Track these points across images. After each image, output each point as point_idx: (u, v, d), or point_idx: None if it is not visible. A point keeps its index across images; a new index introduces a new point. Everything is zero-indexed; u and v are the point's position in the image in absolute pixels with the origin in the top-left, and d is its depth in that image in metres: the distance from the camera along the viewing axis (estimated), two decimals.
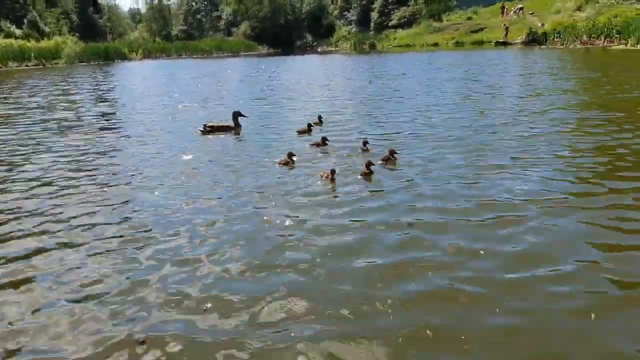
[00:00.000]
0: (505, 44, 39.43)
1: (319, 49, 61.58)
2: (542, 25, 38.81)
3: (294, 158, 6.64)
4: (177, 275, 3.70)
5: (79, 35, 53.06)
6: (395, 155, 6.52)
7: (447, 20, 53.43)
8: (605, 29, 30.03)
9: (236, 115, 9.11)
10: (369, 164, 6.01)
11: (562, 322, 2.96)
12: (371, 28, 61.63)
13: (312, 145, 7.56)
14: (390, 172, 6.14)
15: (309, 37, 69.34)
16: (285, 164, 6.57)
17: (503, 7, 48.63)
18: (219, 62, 40.35)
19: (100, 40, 57.54)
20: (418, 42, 49.55)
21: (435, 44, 47.14)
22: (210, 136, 8.74)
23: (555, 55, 24.00)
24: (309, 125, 8.68)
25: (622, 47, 27.86)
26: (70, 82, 22.44)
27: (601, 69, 14.38)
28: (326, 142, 7.51)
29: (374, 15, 61.07)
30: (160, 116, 11.56)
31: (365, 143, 7.19)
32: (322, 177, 5.93)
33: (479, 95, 12.16)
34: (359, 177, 5.95)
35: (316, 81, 18.36)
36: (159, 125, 10.16)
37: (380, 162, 6.38)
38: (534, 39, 37.31)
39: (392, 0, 59.03)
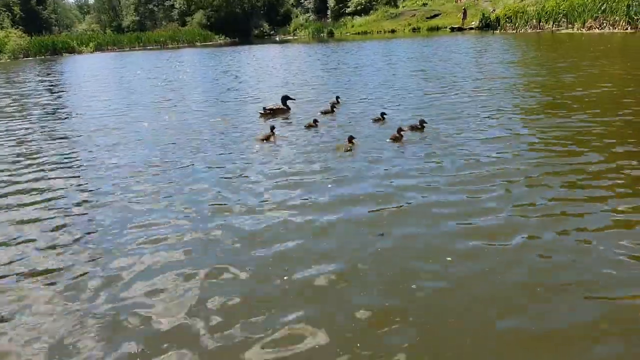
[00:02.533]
0: (460, 29, 40.42)
1: (277, 38, 61.03)
2: (493, 10, 39.98)
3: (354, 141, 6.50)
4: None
5: (23, 28, 50.41)
6: (425, 124, 7.04)
7: (403, 7, 54.12)
8: (554, 14, 31.31)
9: (285, 98, 9.27)
10: (399, 130, 6.66)
11: None
12: (328, 15, 61.65)
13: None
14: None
15: (266, 26, 68.62)
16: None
17: None
18: (175, 53, 39.31)
19: (46, 33, 54.88)
20: (375, 29, 50.04)
21: (393, 31, 47.73)
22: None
23: (512, 42, 24.76)
24: (332, 106, 9.03)
25: (569, 31, 29.16)
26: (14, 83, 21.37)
27: (565, 58, 14.85)
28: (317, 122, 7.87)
29: (331, 2, 61.06)
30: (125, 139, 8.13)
31: (383, 114, 7.88)
32: (345, 151, 6.24)
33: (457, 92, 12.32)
34: (388, 140, 6.61)
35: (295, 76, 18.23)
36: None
37: (407, 130, 6.89)
38: (487, 24, 38.44)
39: None
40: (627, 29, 24.99)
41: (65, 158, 7.05)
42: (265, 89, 13.24)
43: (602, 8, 26.83)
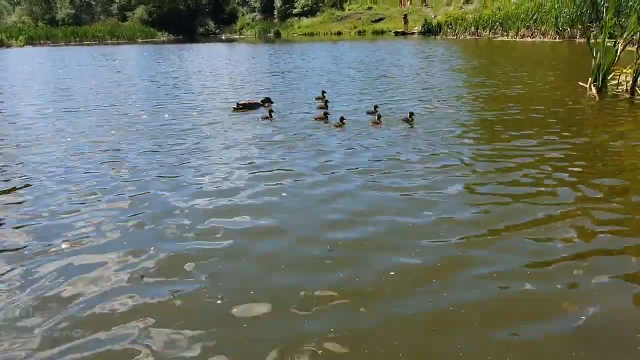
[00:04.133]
0: (404, 34, 41.76)
1: (223, 37, 60.16)
2: (435, 16, 41.61)
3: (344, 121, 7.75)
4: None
5: None
6: (413, 116, 7.78)
7: (348, 9, 55.05)
8: (490, 22, 33.11)
9: (267, 100, 9.81)
10: (379, 116, 7.83)
11: None
12: (275, 15, 61.53)
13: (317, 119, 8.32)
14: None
15: (212, 24, 67.35)
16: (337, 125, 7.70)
17: None
18: (115, 50, 37.73)
19: None
20: (322, 31, 50.65)
21: (339, 33, 48.52)
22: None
23: (455, 47, 25.85)
24: (326, 102, 9.43)
25: (504, 38, 30.94)
26: None
27: (517, 66, 15.46)
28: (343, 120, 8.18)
29: (278, 2, 60.95)
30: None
31: (375, 107, 8.42)
32: (334, 126, 7.61)
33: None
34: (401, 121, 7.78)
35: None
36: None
37: (400, 121, 7.83)
38: (429, 30, 40.01)
39: None
40: (555, 38, 26.88)
41: None
42: (218, 95, 12.78)
43: (534, 18, 28.70)
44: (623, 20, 18.46)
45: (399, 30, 42.79)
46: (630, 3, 18.84)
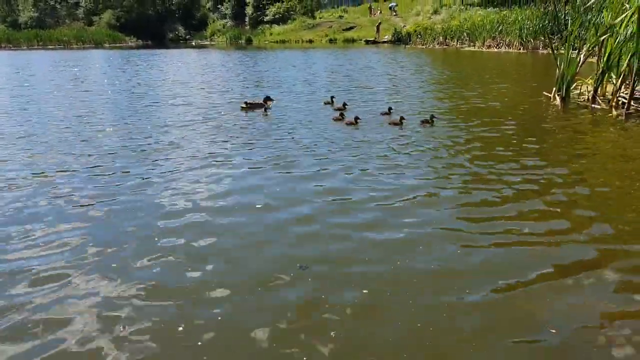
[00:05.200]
0: (375, 42, 42.42)
1: (193, 43, 59.62)
2: (404, 26, 42.46)
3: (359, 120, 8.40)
4: None
5: None
6: (434, 119, 8.31)
7: (319, 18, 55.51)
8: (458, 32, 34.04)
9: (267, 98, 10.51)
10: (432, 117, 8.34)
11: None
12: (246, 23, 61.41)
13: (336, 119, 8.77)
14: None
15: (182, 30, 66.64)
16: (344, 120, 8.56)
17: (370, 8, 52.44)
18: (83, 54, 36.77)
19: None
20: (294, 38, 50.89)
21: (310, 41, 48.86)
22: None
23: (427, 58, 26.18)
24: (344, 104, 10.04)
25: (471, 48, 31.83)
26: None
27: (494, 78, 15.81)
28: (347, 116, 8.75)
29: (249, 9, 60.89)
30: None
31: (390, 109, 9.06)
32: (346, 123, 8.30)
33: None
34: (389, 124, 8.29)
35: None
36: None
37: (419, 123, 8.33)
38: (399, 39, 40.82)
39: None
40: (520, 49, 27.86)
41: None
42: (199, 105, 12.78)
43: (499, 29, 29.69)
44: (583, 32, 19.32)
45: (370, 39, 43.43)
46: (589, 17, 19.70)
